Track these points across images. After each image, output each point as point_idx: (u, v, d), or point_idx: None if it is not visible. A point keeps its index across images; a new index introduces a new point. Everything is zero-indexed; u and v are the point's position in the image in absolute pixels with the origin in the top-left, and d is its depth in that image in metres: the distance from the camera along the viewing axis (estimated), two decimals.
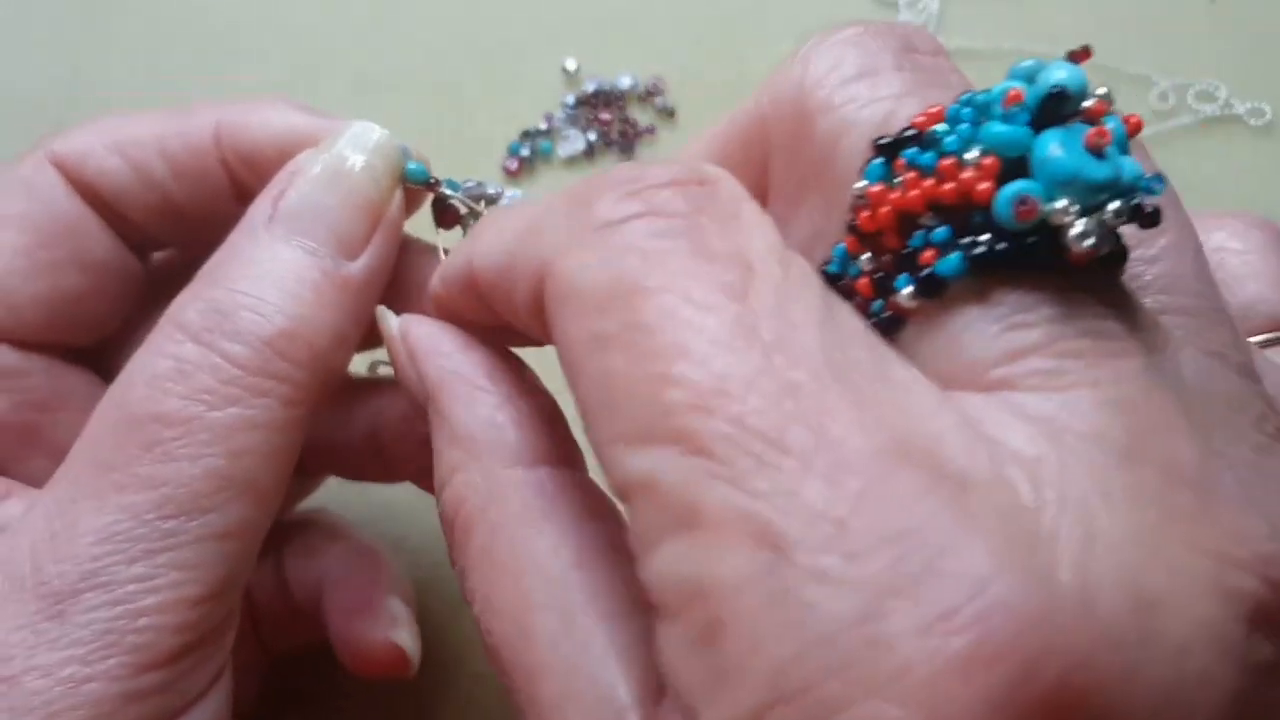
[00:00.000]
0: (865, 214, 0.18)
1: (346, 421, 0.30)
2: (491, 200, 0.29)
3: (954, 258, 0.16)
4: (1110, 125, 0.17)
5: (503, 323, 0.23)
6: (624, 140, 0.43)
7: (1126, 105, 0.47)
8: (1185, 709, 0.13)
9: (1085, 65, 0.18)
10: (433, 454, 0.23)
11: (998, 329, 0.16)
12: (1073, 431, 0.15)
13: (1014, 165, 0.16)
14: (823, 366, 0.15)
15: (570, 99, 0.44)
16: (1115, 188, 0.16)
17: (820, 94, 0.20)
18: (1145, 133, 0.42)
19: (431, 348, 0.24)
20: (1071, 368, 0.15)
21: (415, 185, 0.28)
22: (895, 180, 0.17)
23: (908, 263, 0.17)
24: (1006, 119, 0.16)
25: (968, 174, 0.16)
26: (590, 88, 0.44)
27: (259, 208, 0.26)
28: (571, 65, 0.44)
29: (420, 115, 0.44)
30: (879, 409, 0.15)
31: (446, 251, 0.28)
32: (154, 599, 0.23)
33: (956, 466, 0.14)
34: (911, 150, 0.17)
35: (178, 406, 0.23)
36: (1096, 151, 0.16)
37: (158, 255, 0.32)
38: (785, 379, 0.15)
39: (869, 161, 0.18)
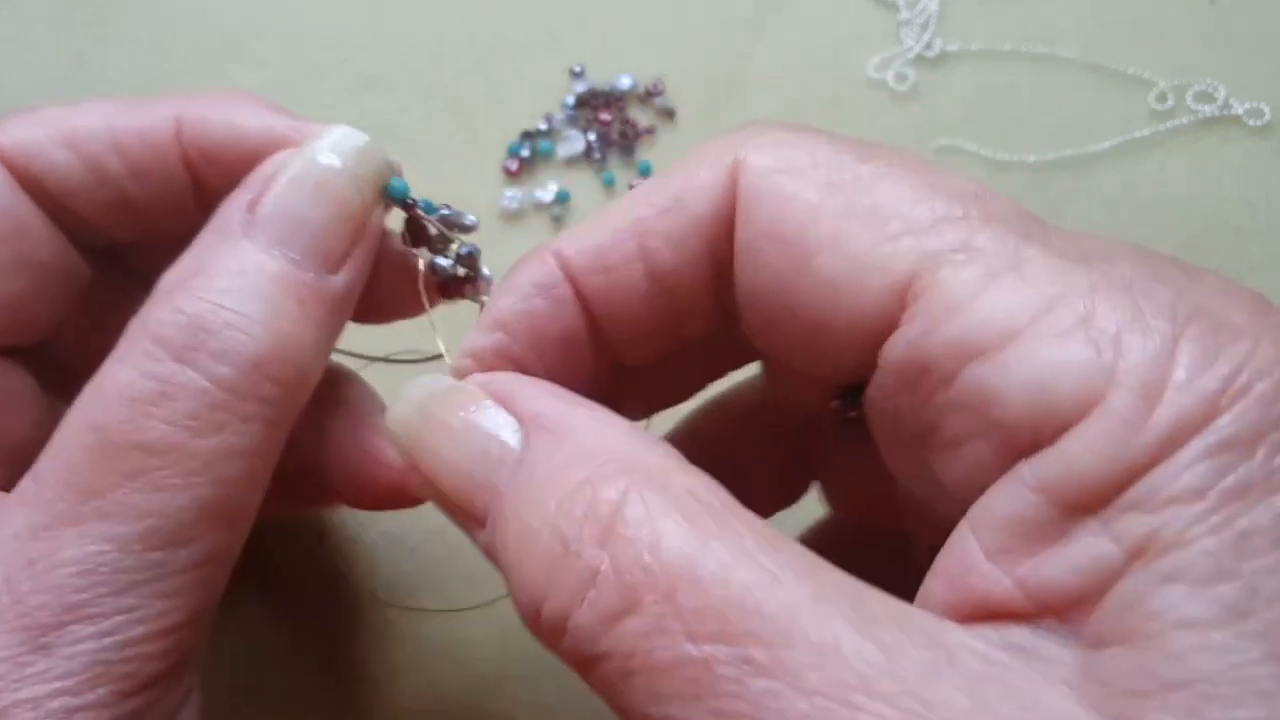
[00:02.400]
0: None
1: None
2: (465, 229, 0.28)
3: None
4: None
5: (579, 337, 0.23)
6: (624, 141, 0.43)
7: (1126, 106, 0.47)
8: None
9: (1085, 64, 0.21)
10: (517, 500, 0.20)
11: None
12: None
13: None
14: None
15: (570, 100, 0.44)
16: None
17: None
18: (1144, 133, 0.42)
19: (535, 389, 0.22)
20: None
21: (394, 202, 0.27)
22: None
23: None
24: None
25: None
26: (590, 88, 0.44)
27: (233, 211, 0.25)
28: (571, 66, 0.44)
29: (421, 116, 0.44)
30: None
31: (434, 267, 0.28)
32: (140, 629, 0.23)
33: None
34: None
35: (162, 434, 0.23)
36: None
37: (104, 253, 0.30)
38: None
39: None
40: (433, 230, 0.28)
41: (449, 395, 0.23)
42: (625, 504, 0.19)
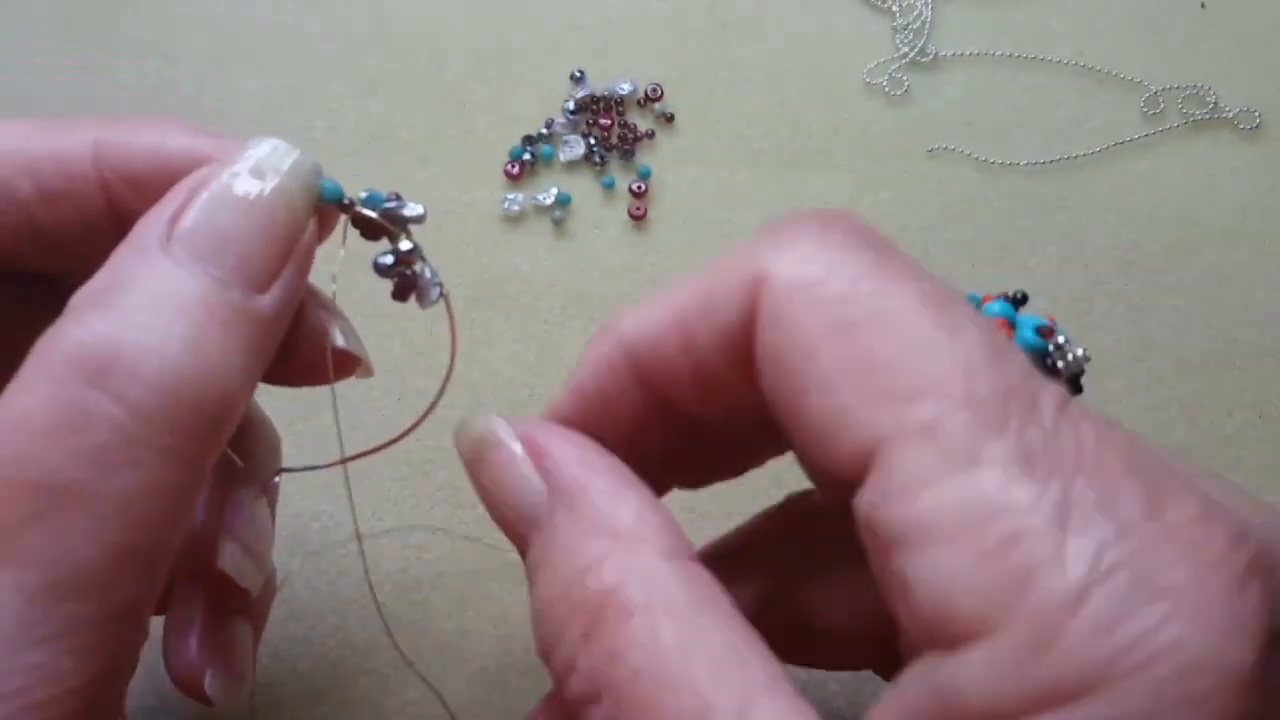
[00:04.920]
0: None
1: None
2: (408, 222, 0.27)
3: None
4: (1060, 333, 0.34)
5: (651, 405, 0.24)
6: (623, 145, 0.44)
7: (1117, 109, 0.47)
8: None
9: (1077, 68, 0.21)
10: (541, 559, 0.23)
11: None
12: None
13: None
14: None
15: (570, 104, 0.44)
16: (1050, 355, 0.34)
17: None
18: (1135, 136, 0.43)
19: (566, 450, 0.23)
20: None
21: (329, 205, 0.25)
22: None
23: None
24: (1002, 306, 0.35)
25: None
26: (590, 93, 0.45)
27: (151, 226, 0.23)
28: (572, 71, 0.45)
29: (424, 120, 0.44)
30: None
31: (375, 266, 0.27)
32: (45, 691, 0.20)
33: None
34: None
35: (68, 469, 0.20)
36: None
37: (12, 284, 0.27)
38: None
39: None
40: (380, 223, 0.27)
41: (491, 439, 0.24)
42: (607, 605, 0.21)
